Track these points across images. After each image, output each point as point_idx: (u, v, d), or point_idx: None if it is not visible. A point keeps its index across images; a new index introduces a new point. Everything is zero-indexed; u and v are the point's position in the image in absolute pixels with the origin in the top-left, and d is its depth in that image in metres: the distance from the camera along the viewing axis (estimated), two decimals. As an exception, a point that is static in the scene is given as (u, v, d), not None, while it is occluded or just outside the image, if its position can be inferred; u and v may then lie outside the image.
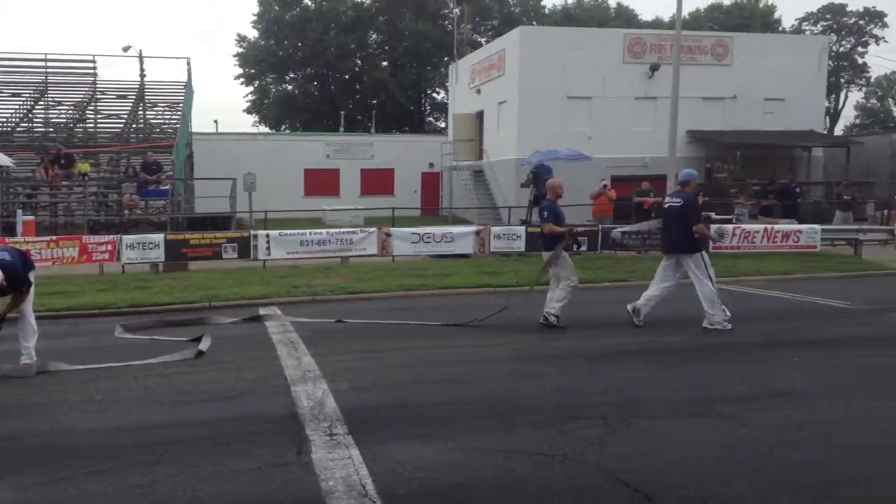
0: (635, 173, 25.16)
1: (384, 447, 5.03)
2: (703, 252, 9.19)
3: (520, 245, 17.42)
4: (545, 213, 9.53)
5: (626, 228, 15.05)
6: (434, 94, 59.44)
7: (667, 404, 5.95)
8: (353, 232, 17.03)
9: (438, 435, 5.25)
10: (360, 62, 55.47)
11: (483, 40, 49.47)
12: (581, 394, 6.35)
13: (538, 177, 20.90)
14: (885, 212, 23.61)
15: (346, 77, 55.43)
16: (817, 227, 18.31)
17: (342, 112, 48.95)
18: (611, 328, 9.23)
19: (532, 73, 26.87)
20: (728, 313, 9.08)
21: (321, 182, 35.31)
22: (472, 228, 18.09)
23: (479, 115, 31.82)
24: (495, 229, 17.70)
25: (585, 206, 20.63)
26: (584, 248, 17.49)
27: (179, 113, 26.79)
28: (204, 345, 8.32)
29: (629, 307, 9.38)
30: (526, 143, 25.77)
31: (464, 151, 31.49)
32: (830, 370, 7.07)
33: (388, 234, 16.81)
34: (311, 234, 16.59)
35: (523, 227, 18.03)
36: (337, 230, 17.43)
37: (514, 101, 27.54)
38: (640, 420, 5.55)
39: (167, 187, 21.23)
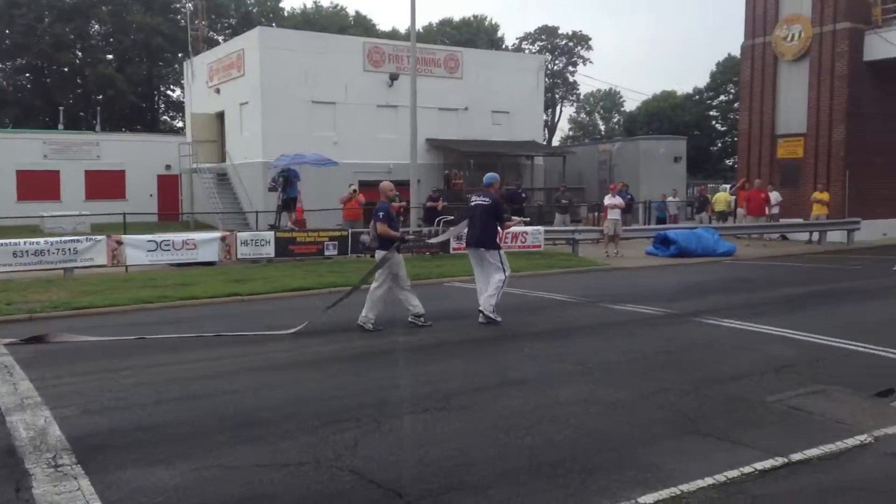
0: (381, 178, 25.76)
1: (120, 474, 4.63)
2: (502, 250, 9.95)
3: (269, 251, 17.05)
4: (381, 214, 9.46)
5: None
6: (169, 92, 56.02)
7: (415, 401, 6.19)
8: (78, 240, 15.47)
9: (184, 456, 4.95)
10: (81, 54, 50.46)
11: (220, 38, 47.65)
12: (338, 398, 6.38)
13: (288, 181, 20.65)
14: (596, 214, 26.65)
15: (66, 70, 50.14)
16: (541, 228, 20.22)
17: (61, 108, 44.23)
18: (369, 330, 9.36)
19: (274, 76, 26.44)
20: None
21: (38, 185, 31.68)
22: (217, 234, 17.31)
23: (220, 116, 30.57)
24: (242, 235, 17.12)
25: (336, 210, 20.77)
26: (335, 252, 17.65)
27: None
28: None
29: (482, 317, 9.66)
30: (271, 147, 25.30)
31: (205, 153, 30.02)
32: (556, 358, 7.83)
33: (120, 242, 15.50)
34: (26, 243, 14.75)
35: (272, 233, 17.67)
36: (58, 239, 15.70)
37: (257, 103, 26.90)
38: (390, 419, 5.71)
39: None
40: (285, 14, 58.02)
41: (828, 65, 23.74)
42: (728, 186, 28.54)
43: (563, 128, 76.89)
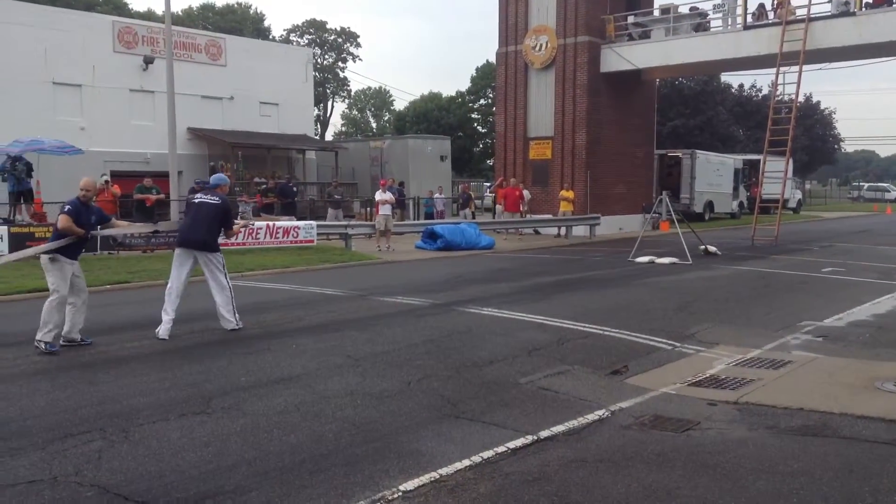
0: (137, 169, 23.98)
1: None
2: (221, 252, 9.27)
3: (2, 248, 15.15)
4: (67, 207, 8.08)
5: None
6: None
7: (168, 407, 5.81)
8: None
9: None
10: None
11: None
12: (76, 408, 5.79)
13: (30, 169, 18.89)
14: (368, 209, 26.92)
15: None
16: (314, 223, 20.04)
17: None
18: (109, 334, 8.60)
19: (6, 52, 23.45)
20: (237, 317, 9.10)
21: None
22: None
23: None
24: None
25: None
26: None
27: None
28: None
29: (163, 334, 8.52)
30: (3, 131, 22.36)
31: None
32: (325, 352, 7.76)
33: None
34: None
35: (5, 227, 15.76)
36: None
37: (-17, 81, 23.68)
38: (140, 427, 5.30)
39: None
40: (21, -15, 51.59)
41: (571, 74, 26.01)
42: (489, 185, 30.24)
43: (336, 123, 76.88)
